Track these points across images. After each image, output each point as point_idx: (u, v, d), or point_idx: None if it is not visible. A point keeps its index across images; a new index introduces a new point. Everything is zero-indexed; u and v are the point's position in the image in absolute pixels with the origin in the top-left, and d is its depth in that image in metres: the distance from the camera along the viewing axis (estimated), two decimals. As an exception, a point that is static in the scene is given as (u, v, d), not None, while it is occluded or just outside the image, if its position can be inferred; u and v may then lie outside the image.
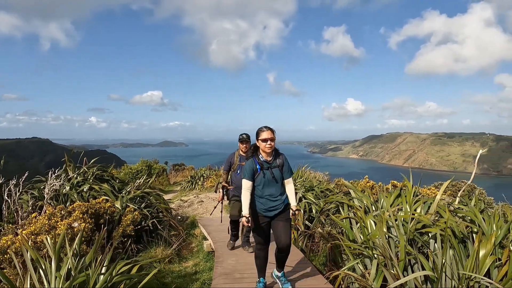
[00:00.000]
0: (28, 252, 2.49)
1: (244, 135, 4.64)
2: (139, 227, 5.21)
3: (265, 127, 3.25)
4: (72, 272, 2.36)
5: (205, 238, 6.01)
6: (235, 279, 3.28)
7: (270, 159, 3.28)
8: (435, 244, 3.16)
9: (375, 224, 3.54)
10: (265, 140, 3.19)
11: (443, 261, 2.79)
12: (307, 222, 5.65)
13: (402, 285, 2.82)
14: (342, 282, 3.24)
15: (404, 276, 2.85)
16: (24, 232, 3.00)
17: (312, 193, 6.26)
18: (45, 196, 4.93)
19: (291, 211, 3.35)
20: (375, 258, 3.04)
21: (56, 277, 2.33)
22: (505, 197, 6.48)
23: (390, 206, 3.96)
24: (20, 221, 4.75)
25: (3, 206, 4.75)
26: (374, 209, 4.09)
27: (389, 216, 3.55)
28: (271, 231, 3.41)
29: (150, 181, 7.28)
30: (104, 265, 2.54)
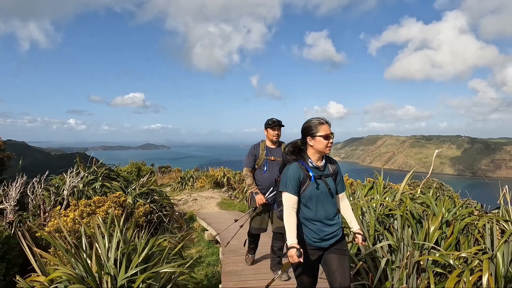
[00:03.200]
0: (83, 228, 3.20)
1: (274, 119, 3.68)
2: (147, 219, 5.89)
3: (322, 118, 2.34)
4: (121, 244, 3.08)
5: (204, 230, 6.75)
6: (241, 253, 4.06)
7: (322, 164, 2.37)
8: (397, 223, 4.03)
9: (352, 210, 4.38)
10: (327, 137, 2.27)
11: (402, 234, 3.67)
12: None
13: (372, 253, 3.68)
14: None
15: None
16: (69, 218, 3.67)
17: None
18: (65, 192, 5.55)
19: (359, 238, 2.48)
20: (351, 234, 3.88)
21: (109, 247, 3.05)
22: (468, 193, 7.52)
23: (364, 196, 4.84)
24: (42, 214, 5.37)
25: (28, 201, 5.35)
26: (351, 199, 4.95)
27: (363, 203, 4.42)
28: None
29: (153, 180, 7.95)
30: (143, 239, 3.28)
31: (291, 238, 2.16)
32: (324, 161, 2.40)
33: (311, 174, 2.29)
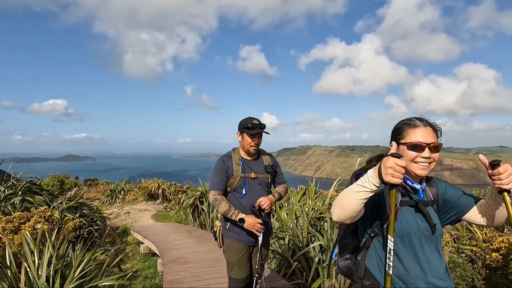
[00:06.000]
0: (7, 246, 2.95)
1: (255, 121, 2.52)
2: (76, 234, 5.52)
3: (419, 119, 1.44)
4: (54, 260, 2.92)
5: (139, 243, 6.52)
6: (182, 263, 4.07)
7: (419, 187, 1.46)
8: (327, 225, 4.44)
9: (287, 215, 4.70)
10: (419, 147, 1.37)
11: (332, 235, 4.05)
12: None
13: (305, 253, 3.99)
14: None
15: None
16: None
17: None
18: (-23, 208, 4.97)
19: None
20: (287, 237, 4.17)
21: (40, 264, 2.87)
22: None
23: (298, 201, 5.20)
24: None
25: None
26: (286, 204, 5.28)
27: (297, 208, 4.76)
28: None
29: (82, 193, 7.45)
30: (77, 253, 3.14)
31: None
32: (423, 182, 1.49)
33: (400, 198, 1.39)
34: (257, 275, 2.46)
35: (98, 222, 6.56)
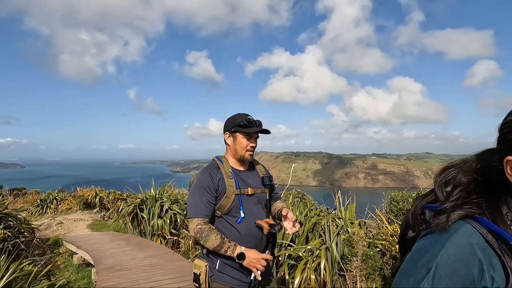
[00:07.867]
0: None
1: (250, 117, 1.97)
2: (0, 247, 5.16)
3: None
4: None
5: (73, 254, 6.24)
6: (117, 270, 4.05)
7: None
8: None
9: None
10: None
11: (265, 235, 4.35)
12: (173, 230, 6.67)
13: (240, 254, 4.22)
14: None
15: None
16: None
17: (177, 205, 7.31)
18: None
19: None
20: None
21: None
22: (324, 200, 9.00)
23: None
24: None
25: None
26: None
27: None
28: None
29: (7, 203, 6.91)
30: (1, 265, 3.03)
31: None
32: None
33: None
34: None
35: (25, 233, 6.17)
